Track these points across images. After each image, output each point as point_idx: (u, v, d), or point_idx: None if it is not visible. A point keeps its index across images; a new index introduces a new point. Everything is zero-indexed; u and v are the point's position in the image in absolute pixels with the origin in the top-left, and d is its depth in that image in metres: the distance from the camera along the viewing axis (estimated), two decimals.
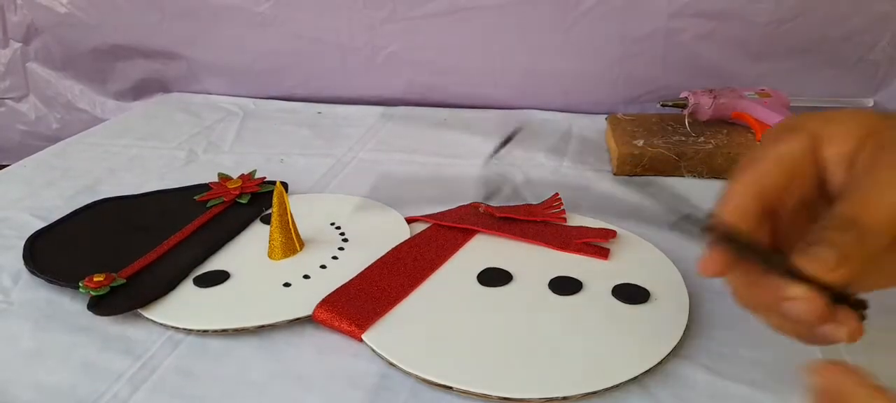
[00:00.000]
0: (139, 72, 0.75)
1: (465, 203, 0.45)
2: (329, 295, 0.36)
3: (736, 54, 0.60)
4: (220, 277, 0.38)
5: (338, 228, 0.43)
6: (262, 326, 0.34)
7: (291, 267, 0.39)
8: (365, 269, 0.38)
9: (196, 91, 0.75)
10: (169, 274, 0.38)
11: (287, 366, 0.32)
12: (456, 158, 0.55)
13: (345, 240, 0.42)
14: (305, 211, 0.43)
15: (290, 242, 0.40)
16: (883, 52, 0.58)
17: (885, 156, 0.25)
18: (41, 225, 0.45)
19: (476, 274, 0.38)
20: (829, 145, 0.26)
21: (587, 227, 0.42)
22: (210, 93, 0.74)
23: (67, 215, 0.46)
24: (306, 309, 0.35)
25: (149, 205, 0.48)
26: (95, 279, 0.36)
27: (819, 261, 0.23)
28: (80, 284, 0.36)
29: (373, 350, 0.32)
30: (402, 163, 0.55)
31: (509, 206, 0.44)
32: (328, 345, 0.34)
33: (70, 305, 0.37)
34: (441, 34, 0.65)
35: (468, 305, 0.35)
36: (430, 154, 0.56)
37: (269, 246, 0.40)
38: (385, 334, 0.33)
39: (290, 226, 0.40)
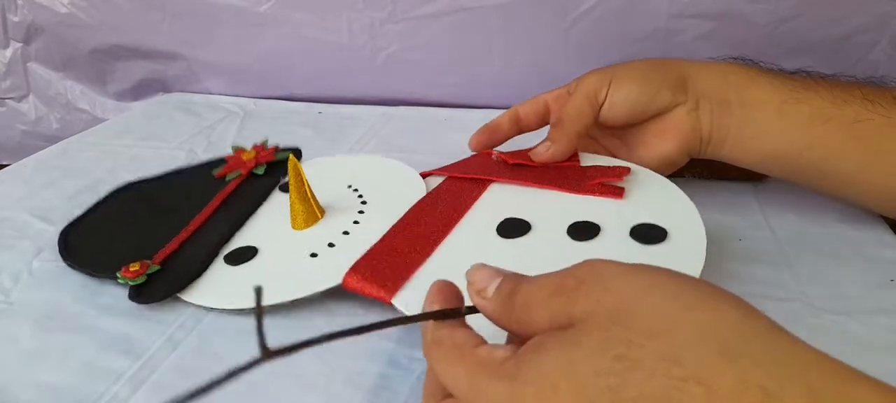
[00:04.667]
0: (139, 72, 0.75)
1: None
2: (356, 262, 0.35)
3: (736, 54, 0.60)
4: (248, 253, 0.38)
5: (355, 190, 0.43)
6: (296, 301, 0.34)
7: (315, 235, 0.39)
8: (387, 232, 0.38)
9: (196, 91, 0.75)
10: (200, 255, 0.38)
11: (287, 366, 0.32)
12: (456, 158, 0.55)
13: (363, 203, 0.42)
14: (320, 174, 0.43)
15: (310, 211, 0.40)
16: (883, 52, 0.58)
17: (579, 83, 0.43)
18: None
19: (495, 227, 0.37)
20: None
21: (601, 166, 0.41)
22: (210, 93, 0.74)
23: (94, 205, 0.46)
24: (335, 279, 0.35)
25: (170, 185, 0.48)
26: (132, 268, 0.37)
27: (536, 151, 0.42)
28: (119, 275, 0.36)
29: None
30: (402, 161, 0.55)
31: (522, 151, 0.43)
32: (328, 345, 0.34)
33: (70, 305, 0.37)
34: (441, 34, 0.65)
35: (490, 260, 0.34)
36: (430, 154, 0.56)
37: (291, 217, 0.40)
38: (413, 296, 0.33)
39: (309, 195, 0.40)
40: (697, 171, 0.50)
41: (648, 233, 0.35)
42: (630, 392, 0.18)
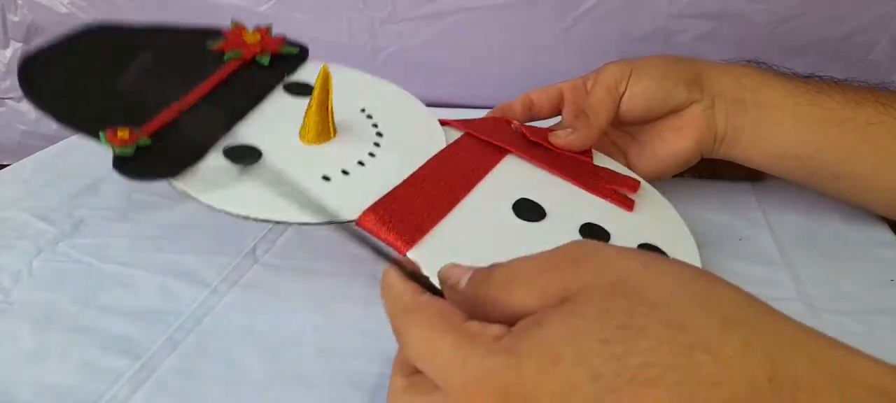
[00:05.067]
0: None
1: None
2: (376, 202, 0.34)
3: (736, 54, 0.60)
4: (251, 154, 0.35)
5: (369, 116, 0.40)
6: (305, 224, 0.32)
7: (327, 156, 0.36)
8: (409, 178, 0.36)
9: None
10: (195, 139, 0.34)
11: (287, 366, 0.32)
12: None
13: (379, 135, 0.39)
14: (333, 85, 0.39)
15: (325, 127, 0.37)
16: (883, 51, 0.58)
17: (599, 74, 0.44)
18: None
19: (511, 204, 0.36)
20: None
21: (613, 171, 0.41)
22: None
23: (58, 41, 0.40)
24: (351, 214, 0.33)
25: (155, 43, 0.42)
26: (119, 134, 0.32)
27: (557, 135, 0.42)
28: (102, 135, 0.32)
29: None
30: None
31: (541, 128, 0.43)
32: (328, 346, 0.34)
33: (70, 305, 0.37)
34: (441, 34, 0.65)
35: (505, 238, 0.34)
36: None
37: (304, 127, 0.37)
38: (429, 253, 0.32)
39: (330, 109, 0.37)
40: (697, 171, 0.50)
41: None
42: (636, 359, 0.17)
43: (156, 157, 0.33)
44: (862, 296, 0.36)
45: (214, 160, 0.34)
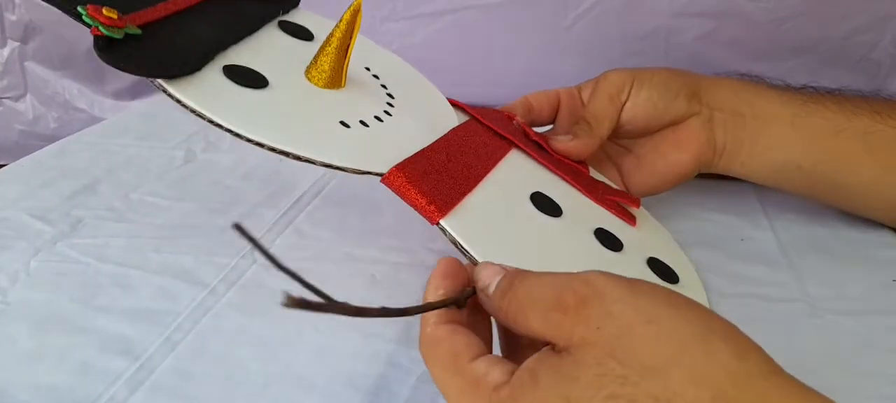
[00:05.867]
0: None
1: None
2: (405, 161, 0.31)
3: (737, 54, 0.60)
4: (256, 79, 0.31)
5: (376, 77, 0.38)
6: (330, 166, 0.29)
7: (341, 103, 0.33)
8: (432, 145, 0.33)
9: None
10: (191, 46, 0.30)
11: (287, 367, 0.32)
12: None
13: (390, 96, 0.36)
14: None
15: (339, 74, 0.34)
16: (884, 51, 0.58)
17: (599, 83, 0.43)
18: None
19: (528, 195, 0.35)
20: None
21: (610, 186, 0.41)
22: None
23: None
24: (378, 166, 0.30)
25: None
26: (105, 12, 0.28)
27: (558, 138, 0.41)
28: (83, 10, 0.28)
29: (450, 237, 0.28)
30: None
31: (539, 132, 0.42)
32: (328, 346, 0.33)
33: (68, 305, 0.37)
34: (441, 34, 0.65)
35: (529, 229, 0.33)
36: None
37: (316, 66, 0.33)
38: (461, 224, 0.29)
39: (349, 54, 0.34)
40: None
41: (664, 270, 0.34)
42: None
43: (145, 51, 0.29)
44: (864, 297, 0.36)
45: (214, 74, 0.30)
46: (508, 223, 0.32)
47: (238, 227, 0.19)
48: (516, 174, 0.36)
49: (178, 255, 0.41)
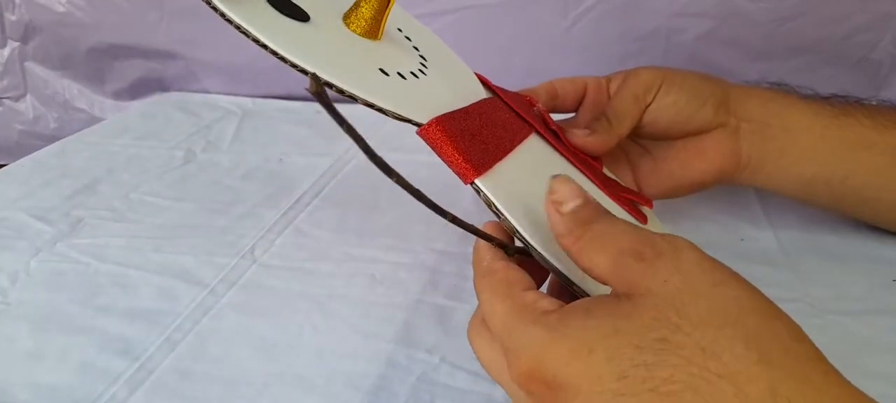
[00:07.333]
0: (137, 71, 0.75)
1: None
2: (444, 115, 0.30)
3: (737, 53, 0.60)
4: (297, 11, 0.31)
5: (408, 38, 0.38)
6: (374, 106, 0.28)
7: (378, 52, 0.33)
8: (467, 108, 0.33)
9: (194, 90, 0.74)
10: None
11: (286, 367, 0.32)
12: None
13: (423, 58, 0.36)
14: None
15: (377, 25, 0.33)
16: (885, 51, 0.58)
17: (627, 78, 0.41)
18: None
19: (551, 175, 0.34)
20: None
21: (621, 184, 0.40)
22: (208, 93, 0.73)
23: None
24: (419, 114, 0.30)
25: None
26: None
27: (575, 132, 0.39)
28: None
29: (485, 199, 0.28)
30: (403, 163, 0.54)
31: (558, 122, 0.41)
32: (328, 346, 0.33)
33: (68, 305, 0.37)
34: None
35: None
36: (431, 153, 0.56)
37: (355, 13, 0.33)
38: (494, 186, 0.29)
39: (389, 9, 0.33)
40: None
41: None
42: (662, 372, 0.18)
43: None
44: (865, 297, 0.36)
45: (258, 1, 0.30)
46: (538, 195, 0.32)
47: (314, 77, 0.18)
48: (539, 155, 0.36)
49: (178, 255, 0.41)
